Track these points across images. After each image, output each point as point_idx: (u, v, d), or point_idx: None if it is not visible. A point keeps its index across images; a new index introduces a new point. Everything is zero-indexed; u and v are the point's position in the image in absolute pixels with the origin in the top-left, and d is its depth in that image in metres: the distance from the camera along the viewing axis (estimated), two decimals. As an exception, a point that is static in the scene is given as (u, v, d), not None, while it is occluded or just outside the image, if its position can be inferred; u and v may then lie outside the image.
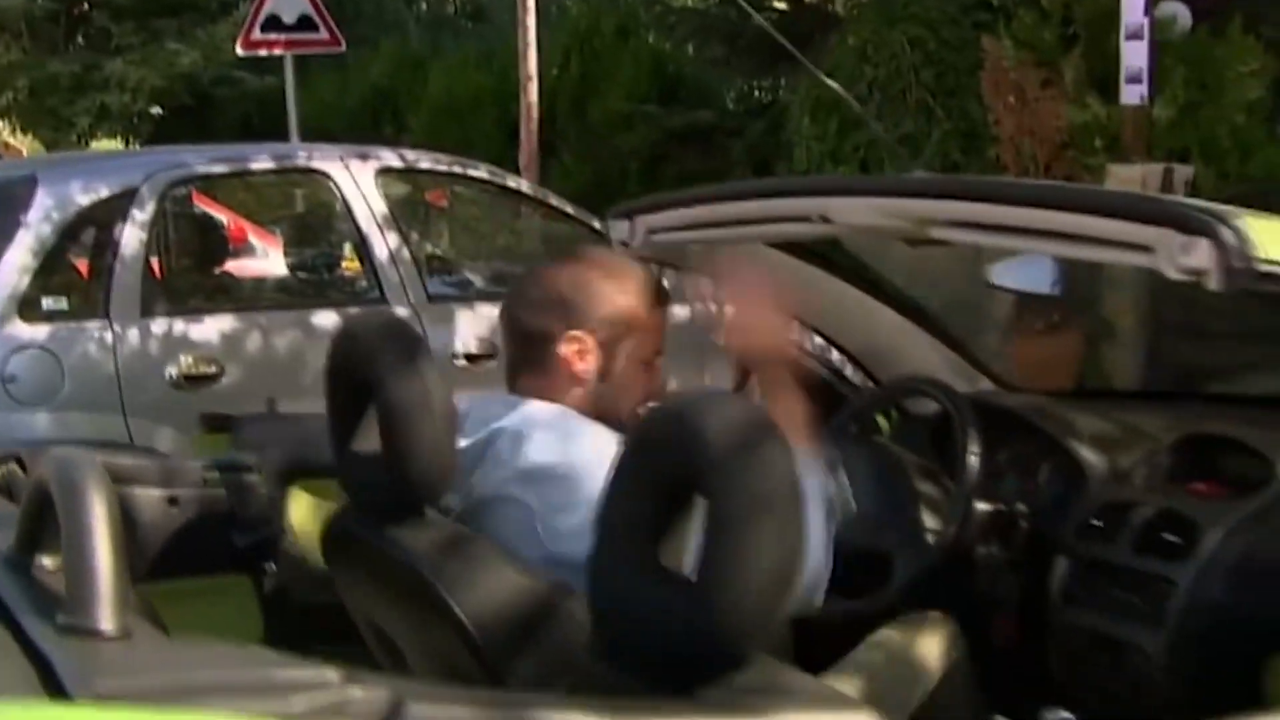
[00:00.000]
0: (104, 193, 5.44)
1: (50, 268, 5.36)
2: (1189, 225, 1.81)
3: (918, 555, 2.82)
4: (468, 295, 6.56)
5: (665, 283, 2.61)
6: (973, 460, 2.79)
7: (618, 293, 2.49)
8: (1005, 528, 2.91)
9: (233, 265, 6.42)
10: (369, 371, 2.40)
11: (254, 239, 7.41)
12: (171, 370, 5.38)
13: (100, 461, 1.69)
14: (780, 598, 1.67)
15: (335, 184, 6.02)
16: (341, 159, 6.10)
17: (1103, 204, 1.96)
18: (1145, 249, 1.86)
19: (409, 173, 6.60)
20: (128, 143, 17.71)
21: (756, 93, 13.50)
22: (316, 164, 6.13)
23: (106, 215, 5.44)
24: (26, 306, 5.23)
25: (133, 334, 5.36)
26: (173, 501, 2.77)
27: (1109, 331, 6.84)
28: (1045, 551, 2.88)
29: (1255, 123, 9.47)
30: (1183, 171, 9.10)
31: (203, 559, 2.75)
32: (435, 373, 2.41)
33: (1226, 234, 1.78)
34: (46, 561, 1.71)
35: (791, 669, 1.73)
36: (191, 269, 6.34)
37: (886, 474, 2.96)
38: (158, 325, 5.43)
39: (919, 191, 2.30)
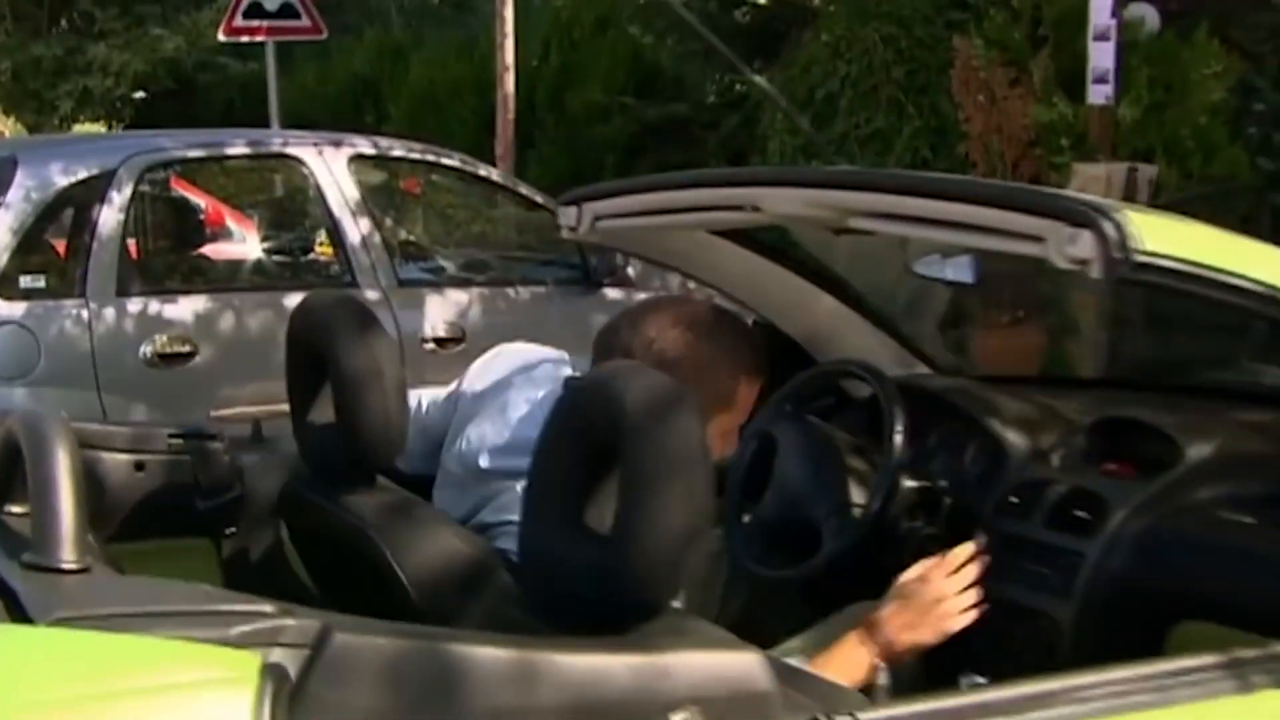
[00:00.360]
0: (82, 174, 5.59)
1: (28, 247, 5.51)
2: (1075, 218, 1.97)
3: (845, 528, 2.96)
4: (438, 281, 6.72)
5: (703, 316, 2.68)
6: (897, 439, 2.93)
7: (733, 367, 2.64)
8: (930, 504, 3.05)
9: (207, 248, 6.56)
10: (323, 345, 2.55)
11: (231, 222, 7.53)
12: (146, 349, 5.53)
13: (66, 419, 1.84)
14: (689, 547, 1.82)
15: (309, 170, 6.17)
16: (315, 145, 6.25)
17: (1001, 197, 2.12)
18: (1037, 239, 2.01)
19: (381, 160, 6.75)
20: (110, 126, 17.79)
21: (736, 87, 13.61)
22: (291, 150, 6.28)
23: (84, 196, 5.59)
24: (4, 284, 5.38)
25: (108, 313, 5.50)
26: (139, 467, 2.91)
27: (1071, 327, 7.01)
28: (966, 526, 3.02)
29: (1218, 124, 9.62)
30: (1146, 171, 9.26)
31: (167, 522, 2.87)
32: (387, 346, 2.56)
33: (1108, 227, 1.93)
34: (15, 509, 1.87)
35: (695, 617, 1.88)
36: (167, 250, 6.47)
37: (818, 451, 3.10)
38: (133, 305, 5.59)
39: (840, 183, 2.46)
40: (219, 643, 1.46)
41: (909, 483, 3.03)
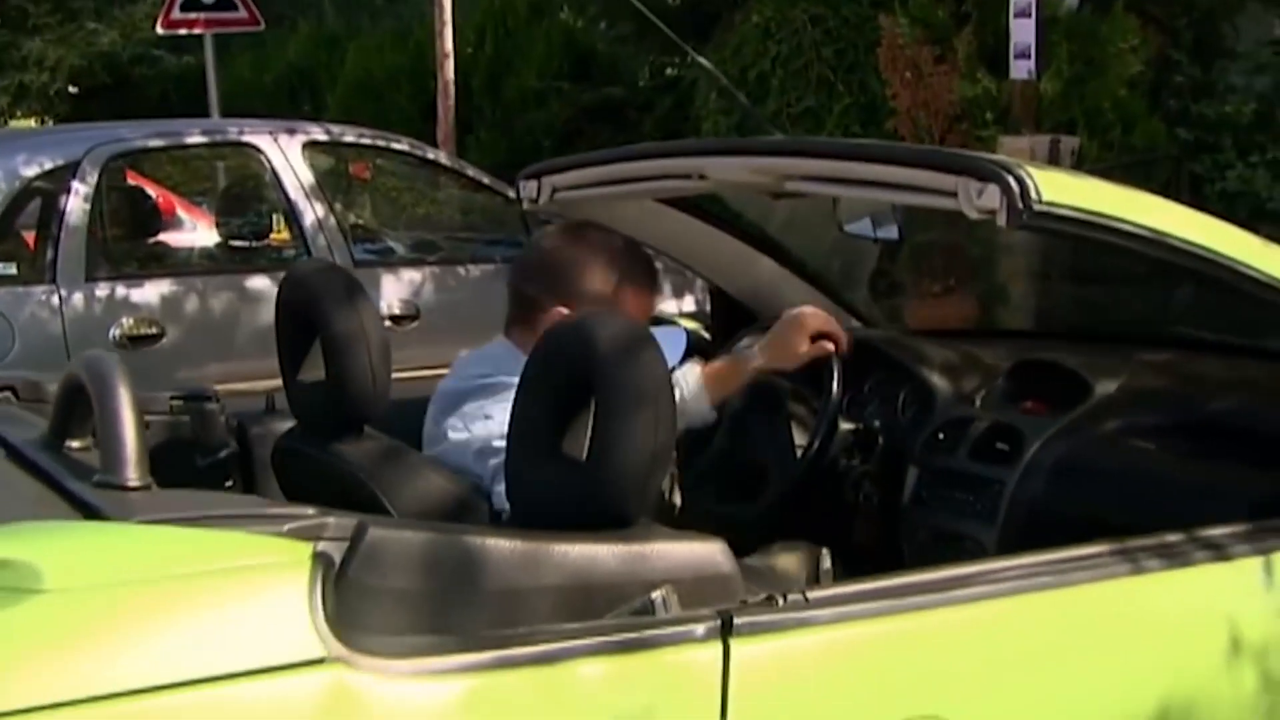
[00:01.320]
0: (48, 165, 5.81)
1: (-1, 236, 5.74)
2: (982, 173, 2.25)
3: (789, 467, 3.26)
4: (391, 261, 6.96)
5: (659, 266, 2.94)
6: (835, 386, 3.23)
7: (604, 270, 2.82)
8: (866, 444, 3.36)
9: (171, 234, 6.76)
10: (313, 310, 2.80)
11: (183, 211, 7.74)
12: (115, 331, 5.75)
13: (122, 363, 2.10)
14: (656, 473, 2.11)
15: (265, 157, 6.40)
16: (271, 133, 6.48)
17: (917, 158, 2.41)
18: (950, 194, 2.30)
19: (334, 146, 6.99)
20: (43, 121, 17.84)
21: (669, 70, 13.87)
22: (248, 138, 6.51)
23: (51, 186, 5.81)
24: (-23, 271, 5.60)
25: (77, 297, 5.73)
26: (144, 426, 3.16)
27: (1000, 293, 7.32)
28: (899, 463, 3.33)
29: (1136, 96, 9.92)
30: (1069, 142, 9.58)
31: (168, 477, 3.11)
32: (371, 310, 2.83)
33: (1011, 180, 2.22)
34: (74, 444, 2.13)
35: (662, 526, 2.17)
36: (133, 236, 6.67)
37: (765, 399, 3.40)
38: (101, 289, 5.81)
39: (778, 151, 2.75)
40: (273, 534, 1.74)
41: (846, 425, 3.33)
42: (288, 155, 6.38)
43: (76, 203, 5.76)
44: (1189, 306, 3.94)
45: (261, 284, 6.08)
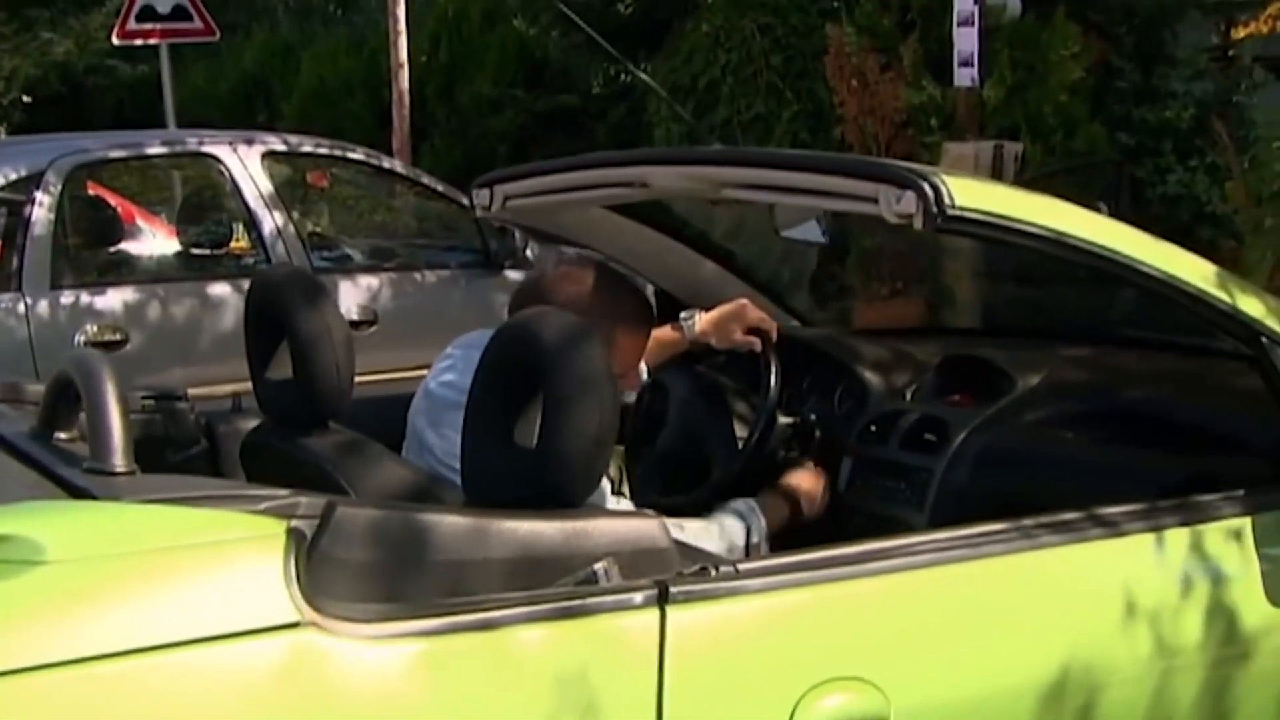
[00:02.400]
0: (13, 176, 5.95)
1: (-36, 246, 5.87)
2: (900, 181, 2.43)
3: (730, 459, 3.44)
4: (348, 267, 7.12)
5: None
6: (773, 383, 3.41)
7: (615, 305, 2.98)
8: (804, 436, 3.54)
9: (133, 243, 6.88)
10: (281, 312, 2.97)
11: (143, 221, 7.87)
12: (79, 338, 5.89)
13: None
14: (600, 456, 2.28)
15: (225, 167, 6.55)
16: (230, 144, 6.64)
17: (842, 166, 2.59)
18: (872, 200, 2.48)
19: (292, 156, 7.14)
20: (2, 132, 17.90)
21: (621, 77, 14.04)
22: (207, 148, 6.66)
23: (15, 197, 5.94)
24: (-56, 281, 5.72)
25: (43, 305, 5.87)
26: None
27: (947, 298, 7.53)
28: (835, 453, 3.52)
29: (1077, 102, 10.09)
30: (1012, 148, 9.77)
31: (144, 470, 3.29)
32: (335, 311, 2.99)
33: (927, 187, 2.40)
34: (61, 435, 2.30)
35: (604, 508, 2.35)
36: (97, 245, 6.80)
37: (707, 395, 3.59)
38: (66, 297, 5.95)
39: (714, 160, 2.93)
40: (249, 512, 1.92)
41: (785, 419, 3.52)
42: (247, 165, 6.54)
43: (41, 213, 5.91)
44: (1119, 305, 4.15)
45: (222, 291, 6.25)
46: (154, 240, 6.97)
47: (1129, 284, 2.61)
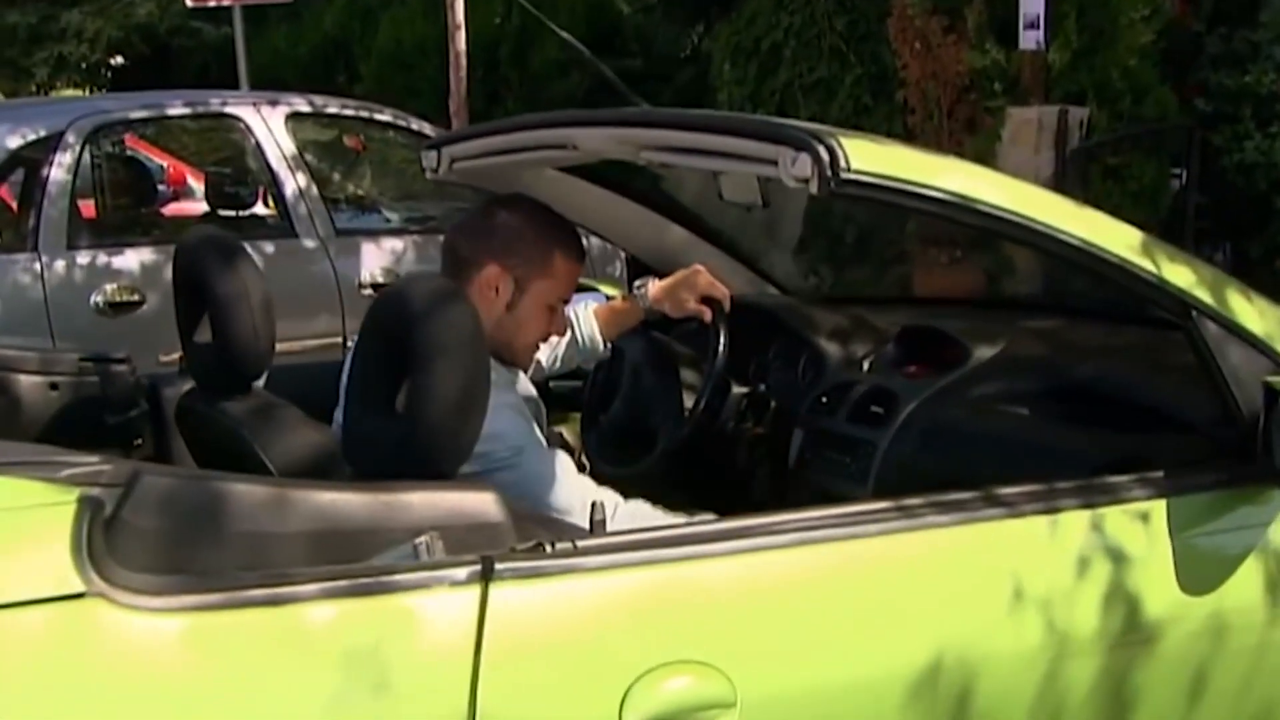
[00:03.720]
0: (31, 137, 5.96)
1: (-19, 205, 5.91)
2: (797, 143, 2.32)
3: (676, 429, 3.36)
4: (373, 230, 7.09)
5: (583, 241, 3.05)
6: (720, 351, 3.31)
7: (544, 239, 2.91)
8: (758, 407, 3.45)
9: (152, 203, 6.90)
10: (199, 276, 2.93)
11: (191, 180, 7.88)
12: (96, 298, 5.91)
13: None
14: (467, 423, 2.20)
15: (248, 127, 6.54)
16: (254, 104, 6.62)
17: (745, 128, 2.47)
18: (772, 162, 2.38)
19: (317, 117, 7.12)
20: (90, 91, 18.09)
21: (694, 39, 13.91)
22: (230, 109, 6.65)
23: (34, 157, 5.96)
24: (-40, 241, 5.76)
25: (59, 265, 5.88)
26: (53, 386, 3.30)
27: (1007, 266, 7.37)
28: (787, 425, 3.42)
29: (1147, 66, 9.87)
30: (1077, 113, 9.55)
31: (79, 435, 3.21)
32: (255, 273, 2.94)
33: (822, 150, 2.29)
34: None
35: (481, 479, 2.27)
36: (114, 206, 6.82)
37: (658, 364, 3.50)
38: (83, 257, 5.97)
39: (633, 122, 2.83)
40: (49, 482, 1.87)
41: (739, 389, 3.43)
42: (270, 126, 6.52)
43: (59, 173, 5.92)
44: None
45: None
46: (173, 201, 6.98)
47: (1045, 252, 2.48)
